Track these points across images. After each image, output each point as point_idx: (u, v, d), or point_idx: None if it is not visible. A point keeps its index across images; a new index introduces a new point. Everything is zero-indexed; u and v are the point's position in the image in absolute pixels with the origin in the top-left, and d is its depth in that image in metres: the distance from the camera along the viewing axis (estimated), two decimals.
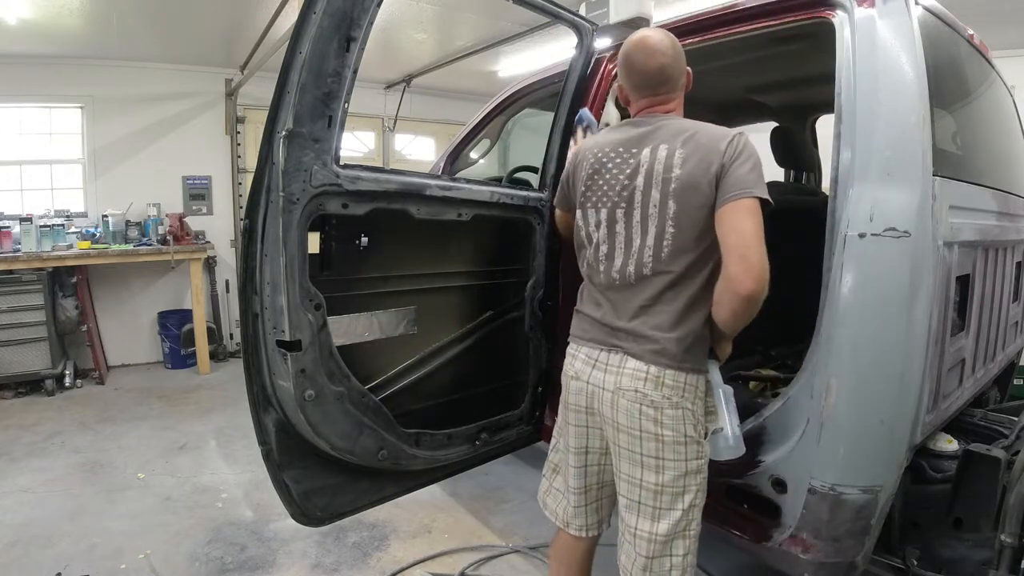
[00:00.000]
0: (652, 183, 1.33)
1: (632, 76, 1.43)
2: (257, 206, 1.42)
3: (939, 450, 1.69)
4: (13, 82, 4.49)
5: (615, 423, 1.36)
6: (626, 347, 1.36)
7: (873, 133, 1.37)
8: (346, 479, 1.69)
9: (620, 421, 1.35)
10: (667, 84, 1.41)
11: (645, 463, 1.33)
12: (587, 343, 1.44)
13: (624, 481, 1.38)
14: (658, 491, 1.33)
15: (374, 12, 1.44)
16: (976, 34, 1.90)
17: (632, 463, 1.35)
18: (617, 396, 1.35)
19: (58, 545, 2.32)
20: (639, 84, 1.43)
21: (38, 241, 4.12)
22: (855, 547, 1.43)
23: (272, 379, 1.51)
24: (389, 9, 3.55)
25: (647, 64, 1.40)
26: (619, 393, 1.34)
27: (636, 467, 1.35)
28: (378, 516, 2.49)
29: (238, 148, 5.41)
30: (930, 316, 1.37)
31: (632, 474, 1.36)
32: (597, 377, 1.39)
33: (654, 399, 1.30)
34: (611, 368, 1.37)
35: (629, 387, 1.33)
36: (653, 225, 1.33)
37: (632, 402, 1.33)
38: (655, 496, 1.33)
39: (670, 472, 1.32)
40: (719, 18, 1.78)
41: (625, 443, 1.35)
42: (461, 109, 5.83)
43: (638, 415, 1.32)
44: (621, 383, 1.34)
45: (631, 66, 1.42)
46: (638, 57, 1.40)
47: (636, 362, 1.33)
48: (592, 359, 1.41)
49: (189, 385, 4.55)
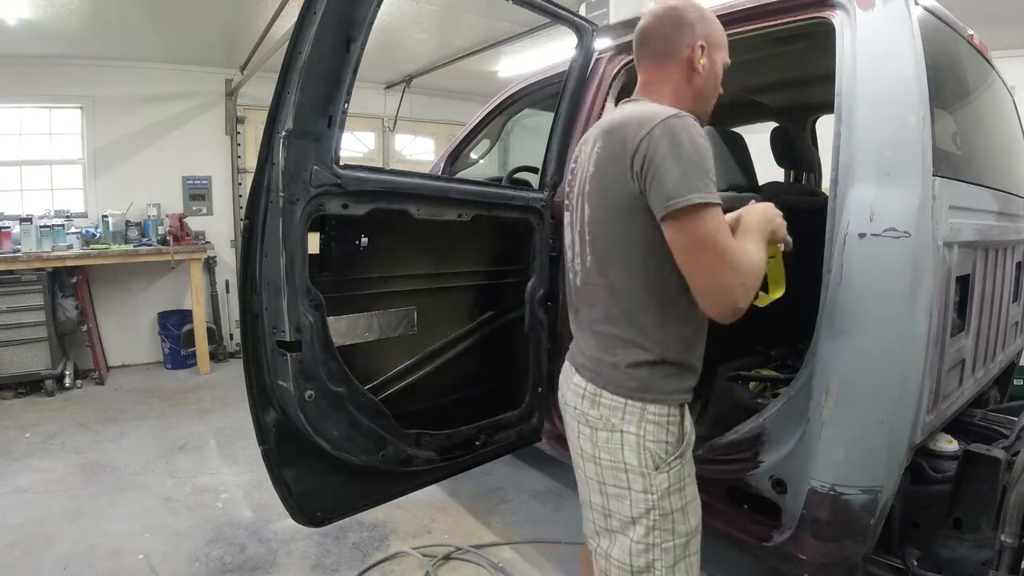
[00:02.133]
0: (581, 184, 1.21)
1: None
2: (257, 206, 1.42)
3: (939, 450, 1.69)
4: (13, 82, 4.49)
5: (568, 438, 1.30)
6: (573, 358, 1.29)
7: (873, 133, 1.37)
8: (346, 479, 1.69)
9: (568, 437, 1.29)
10: (645, 47, 1.25)
11: (589, 484, 1.24)
12: (568, 353, 1.36)
13: (585, 503, 1.29)
14: (606, 513, 1.22)
15: (374, 12, 1.44)
16: (976, 34, 1.90)
17: (581, 481, 1.28)
18: (566, 411, 1.29)
19: (58, 545, 2.32)
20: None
21: (38, 241, 4.12)
22: (855, 547, 1.43)
23: (272, 379, 1.51)
24: (389, 9, 3.56)
25: (644, 19, 1.26)
26: (566, 408, 1.28)
27: (583, 485, 1.27)
28: (378, 516, 2.49)
29: (238, 148, 5.41)
30: (930, 316, 1.37)
31: (583, 492, 1.28)
32: (562, 389, 1.33)
33: (590, 418, 1.20)
34: (566, 381, 1.30)
35: (571, 403, 1.25)
36: (577, 232, 1.23)
37: (572, 419, 1.25)
38: (604, 518, 1.22)
39: (613, 498, 1.20)
40: (719, 18, 1.77)
41: (575, 460, 1.28)
42: (461, 109, 5.83)
43: (576, 433, 1.24)
44: (567, 397, 1.27)
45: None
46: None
47: (578, 376, 1.24)
48: (564, 370, 1.34)
49: (189, 385, 4.55)
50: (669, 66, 1.22)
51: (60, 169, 4.87)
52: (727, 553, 2.09)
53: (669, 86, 1.22)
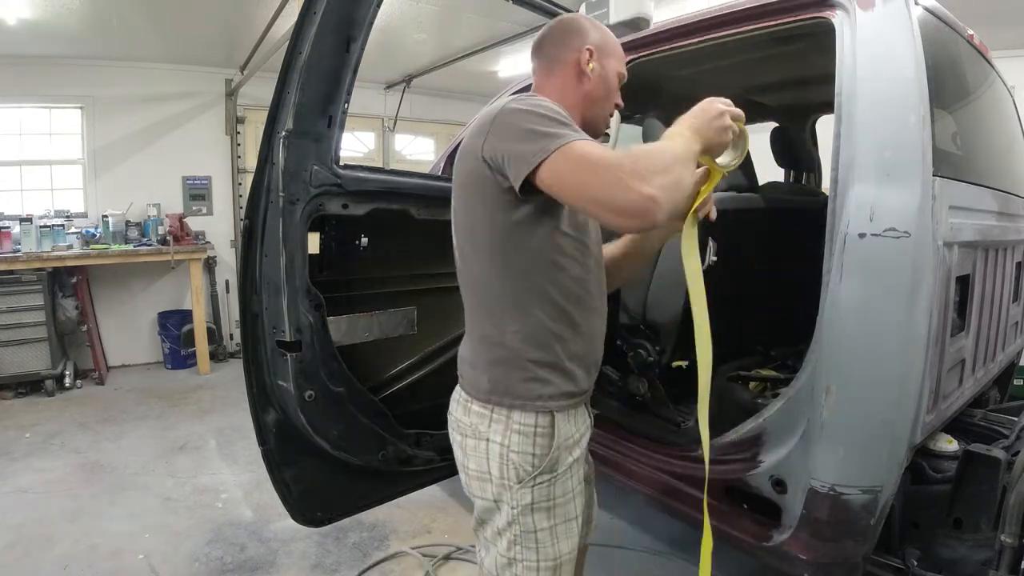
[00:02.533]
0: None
1: None
2: (257, 206, 1.42)
3: (939, 450, 1.69)
4: (13, 82, 4.49)
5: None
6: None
7: (873, 133, 1.37)
8: (346, 479, 1.69)
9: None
10: (537, 54, 1.26)
11: (466, 491, 1.20)
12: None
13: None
14: (480, 521, 1.18)
15: (374, 12, 1.44)
16: (976, 34, 1.90)
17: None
18: (449, 420, 1.25)
19: (58, 545, 2.32)
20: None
21: (38, 241, 4.12)
22: (855, 547, 1.43)
23: (272, 379, 1.51)
24: (389, 9, 3.55)
25: (539, 33, 1.28)
26: (449, 417, 1.24)
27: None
28: (378, 517, 2.49)
29: (238, 148, 5.41)
30: (930, 316, 1.37)
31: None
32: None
33: (461, 425, 1.16)
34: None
35: (451, 410, 1.22)
36: (452, 231, 1.19)
37: (449, 427, 1.22)
38: (480, 525, 1.18)
39: (481, 509, 1.16)
40: (719, 18, 1.78)
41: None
42: (461, 109, 5.83)
43: (453, 442, 1.21)
44: (450, 405, 1.24)
45: None
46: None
47: (458, 384, 1.22)
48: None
49: (189, 385, 4.55)
50: (558, 70, 1.22)
51: (60, 169, 4.88)
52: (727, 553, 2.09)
53: (556, 89, 1.21)
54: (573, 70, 1.20)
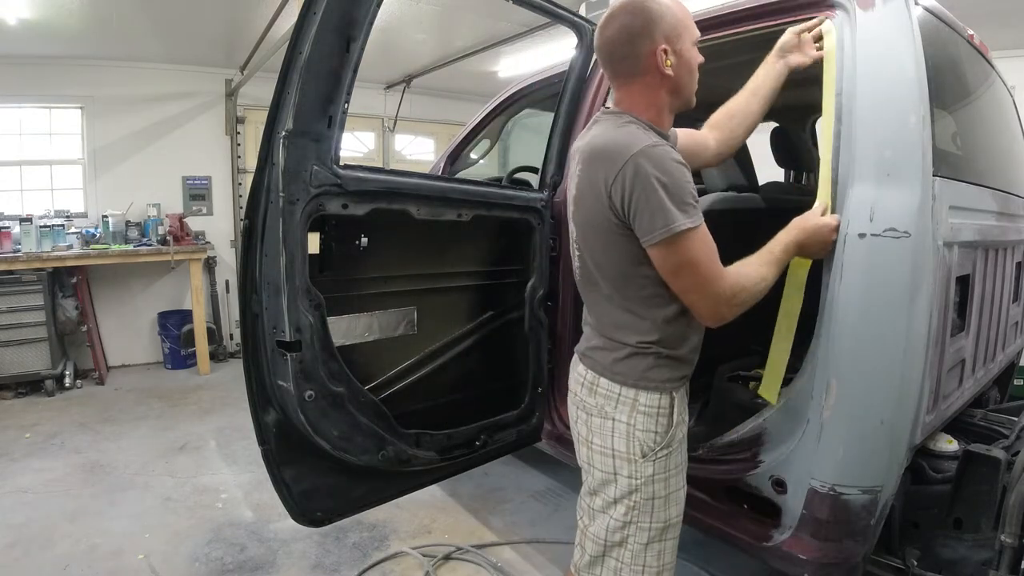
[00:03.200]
0: (570, 199, 1.31)
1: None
2: (257, 206, 1.42)
3: (939, 450, 1.69)
4: (13, 82, 4.49)
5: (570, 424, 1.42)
6: (579, 348, 1.39)
7: (873, 133, 1.37)
8: (346, 479, 1.69)
9: (570, 423, 1.40)
10: (609, 66, 1.26)
11: (582, 466, 1.35)
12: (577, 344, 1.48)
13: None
14: (592, 492, 1.32)
15: (374, 12, 1.44)
16: (976, 34, 1.90)
17: (580, 463, 1.37)
18: (570, 398, 1.39)
19: (58, 546, 2.32)
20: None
21: (38, 241, 4.12)
22: (855, 547, 1.43)
23: (272, 379, 1.51)
24: (389, 9, 3.56)
25: (599, 35, 1.24)
26: (571, 395, 1.38)
27: (581, 468, 1.37)
28: (378, 517, 2.49)
29: (238, 148, 5.41)
30: (930, 316, 1.37)
31: (582, 474, 1.37)
32: (570, 378, 1.43)
33: (587, 405, 1.30)
34: (572, 369, 1.40)
35: (572, 390, 1.36)
36: (573, 240, 1.34)
37: (572, 405, 1.37)
38: (590, 496, 1.32)
39: (599, 480, 1.29)
40: (719, 18, 1.78)
41: (575, 444, 1.38)
42: (461, 109, 5.83)
43: (575, 419, 1.35)
44: (571, 385, 1.38)
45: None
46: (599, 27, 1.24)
47: (581, 365, 1.35)
48: (572, 361, 1.44)
49: (189, 385, 4.56)
50: (637, 81, 1.22)
51: (60, 169, 4.87)
52: (727, 553, 2.10)
53: (642, 98, 1.24)
54: (654, 75, 1.21)
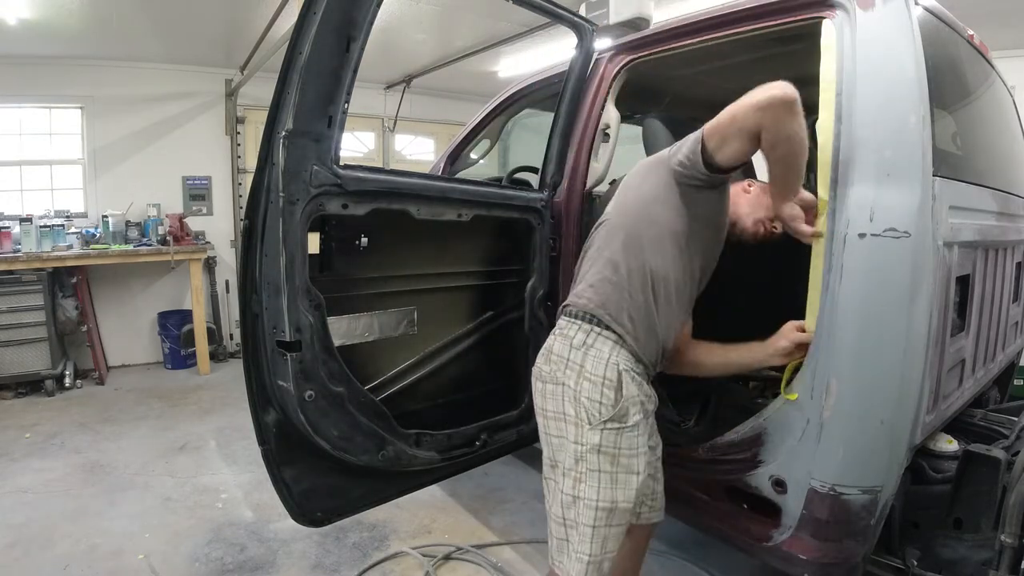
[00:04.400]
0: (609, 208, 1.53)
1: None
2: (257, 206, 1.42)
3: (939, 450, 1.69)
4: (13, 82, 4.49)
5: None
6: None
7: (873, 133, 1.37)
8: (346, 479, 1.69)
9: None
10: None
11: (541, 438, 1.42)
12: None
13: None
14: (552, 464, 1.38)
15: (374, 12, 1.44)
16: (976, 34, 1.90)
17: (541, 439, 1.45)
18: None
19: (58, 545, 2.32)
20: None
21: (38, 241, 4.13)
22: (855, 547, 1.43)
23: (272, 379, 1.51)
24: (389, 9, 3.56)
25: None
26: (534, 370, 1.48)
27: (542, 443, 1.43)
28: (378, 517, 2.49)
29: (238, 148, 5.41)
30: (930, 316, 1.37)
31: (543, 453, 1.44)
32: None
33: (542, 373, 1.39)
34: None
35: (536, 362, 1.45)
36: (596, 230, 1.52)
37: (533, 379, 1.45)
38: (551, 469, 1.38)
39: (556, 448, 1.36)
40: (719, 18, 1.78)
41: (537, 418, 1.46)
42: (461, 109, 5.83)
43: (534, 391, 1.44)
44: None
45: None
46: None
47: (548, 339, 1.45)
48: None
49: (189, 385, 4.55)
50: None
51: (60, 169, 4.88)
52: (727, 553, 2.10)
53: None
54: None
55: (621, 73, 2.10)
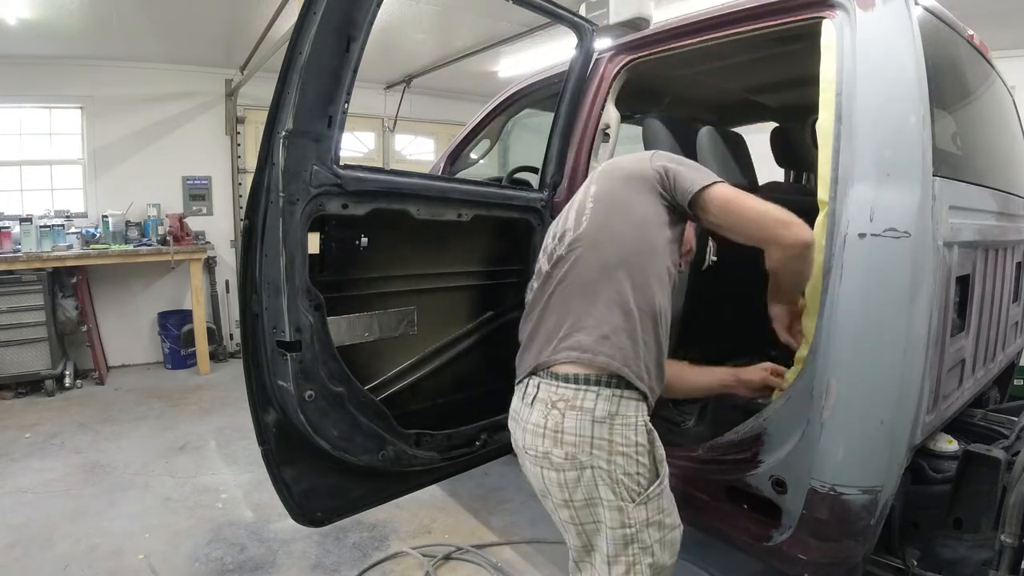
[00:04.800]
0: (575, 222, 1.38)
1: None
2: (257, 206, 1.42)
3: (939, 450, 1.69)
4: (13, 82, 4.49)
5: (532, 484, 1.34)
6: (523, 392, 1.36)
7: (873, 133, 1.37)
8: (346, 479, 1.69)
9: (532, 483, 1.32)
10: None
11: (566, 528, 1.25)
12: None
13: (568, 542, 1.31)
14: (587, 549, 1.24)
15: (374, 12, 1.44)
16: (976, 34, 1.90)
17: (558, 525, 1.29)
18: (523, 457, 1.32)
19: (58, 545, 2.32)
20: None
21: (38, 241, 4.13)
22: (855, 547, 1.43)
23: (272, 379, 1.51)
24: (389, 9, 3.56)
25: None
26: (524, 455, 1.31)
27: (561, 529, 1.28)
28: (378, 517, 2.49)
29: (238, 148, 5.41)
30: (930, 316, 1.37)
31: (563, 534, 1.30)
32: (513, 430, 1.39)
33: (552, 458, 1.19)
34: (517, 416, 1.37)
35: (530, 447, 1.26)
36: (569, 244, 1.35)
37: (531, 465, 1.27)
38: (587, 553, 1.24)
39: (591, 531, 1.21)
40: (719, 18, 1.78)
41: (546, 506, 1.31)
42: (461, 109, 5.83)
43: (539, 478, 1.25)
44: (523, 441, 1.29)
45: None
46: None
47: (535, 412, 1.26)
48: (513, 408, 1.41)
49: (189, 385, 4.55)
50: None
51: (60, 169, 4.88)
52: (727, 553, 2.09)
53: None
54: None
55: (621, 73, 2.10)
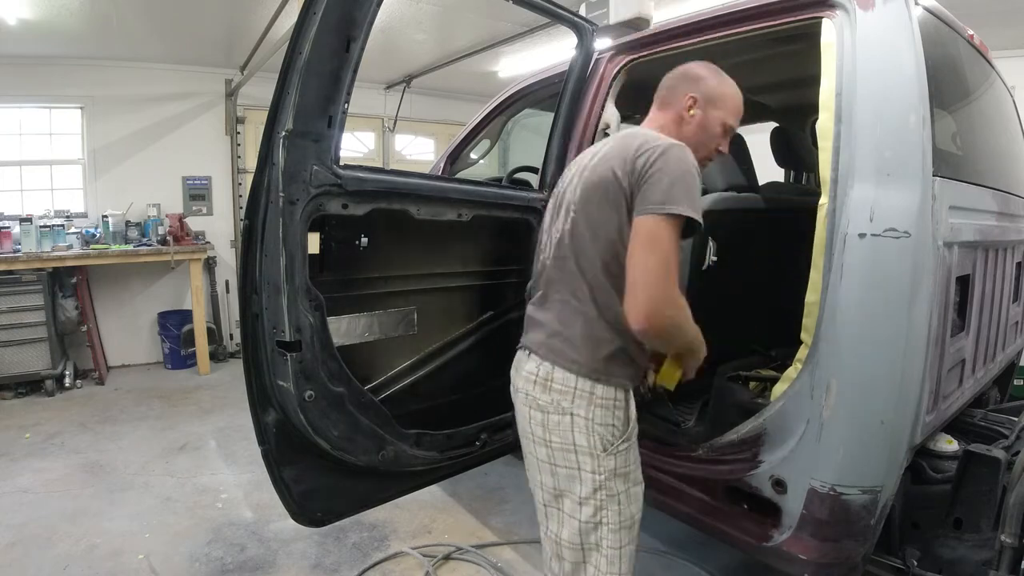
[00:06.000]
0: (575, 176, 1.33)
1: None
2: (257, 206, 1.42)
3: (939, 450, 1.69)
4: (13, 82, 4.49)
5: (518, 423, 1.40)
6: (526, 340, 1.37)
7: (873, 133, 1.37)
8: (346, 479, 1.69)
9: (519, 422, 1.38)
10: (657, 92, 1.44)
11: (540, 467, 1.32)
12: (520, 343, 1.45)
13: (535, 487, 1.37)
14: (556, 494, 1.30)
15: (374, 12, 1.44)
16: (976, 34, 1.90)
17: (531, 465, 1.36)
18: (516, 397, 1.38)
19: (58, 545, 2.32)
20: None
21: (38, 241, 4.12)
22: (855, 547, 1.43)
23: (272, 379, 1.51)
24: (389, 9, 3.56)
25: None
26: (516, 394, 1.37)
27: (534, 468, 1.35)
28: (378, 517, 2.49)
29: (238, 148, 5.41)
30: (930, 316, 1.37)
31: (532, 475, 1.36)
32: (513, 378, 1.41)
33: (541, 402, 1.28)
34: (516, 368, 1.39)
35: (522, 389, 1.34)
36: (564, 213, 1.32)
37: (522, 405, 1.34)
38: (555, 498, 1.30)
39: (564, 478, 1.28)
40: (719, 18, 1.78)
41: (524, 444, 1.37)
42: (461, 109, 5.83)
43: (527, 419, 1.33)
44: (517, 384, 1.36)
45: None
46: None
47: (531, 361, 1.32)
48: (516, 359, 1.42)
49: (189, 385, 4.55)
50: (666, 110, 1.40)
51: (60, 169, 4.87)
52: (727, 553, 2.10)
53: (656, 124, 1.39)
54: (676, 115, 1.39)
55: (621, 73, 2.10)
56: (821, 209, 1.44)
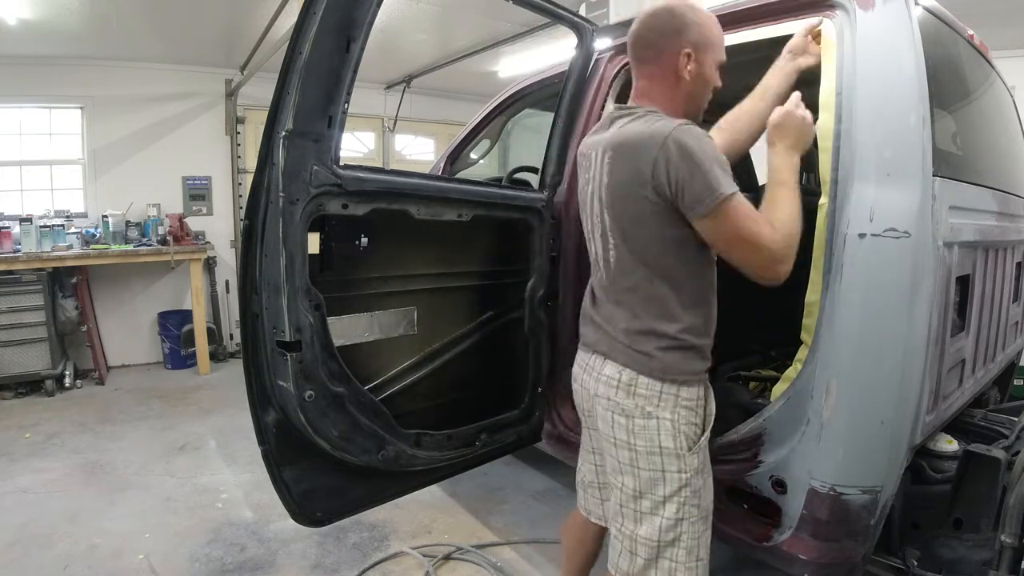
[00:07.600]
0: (596, 190, 1.31)
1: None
2: (257, 206, 1.42)
3: (939, 450, 1.69)
4: (13, 82, 4.49)
5: (598, 428, 1.39)
6: (602, 349, 1.36)
7: (873, 133, 1.37)
8: (346, 479, 1.69)
9: (600, 427, 1.37)
10: (635, 54, 1.33)
11: (623, 469, 1.32)
12: (582, 346, 1.46)
13: (613, 487, 1.37)
14: (636, 495, 1.30)
15: (374, 12, 1.44)
16: (976, 34, 1.90)
17: (611, 467, 1.37)
18: (596, 402, 1.37)
19: (58, 545, 2.32)
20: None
21: (38, 241, 4.12)
22: (855, 547, 1.43)
23: (272, 379, 1.51)
24: (389, 9, 3.55)
25: (635, 23, 1.32)
26: (596, 400, 1.36)
27: (614, 470, 1.35)
28: (378, 517, 2.49)
29: (238, 148, 5.41)
30: (930, 316, 1.37)
31: (615, 479, 1.36)
32: (585, 380, 1.41)
33: (625, 407, 1.29)
34: (592, 371, 1.38)
35: (603, 394, 1.33)
36: (599, 234, 1.34)
37: (603, 409, 1.34)
38: (635, 500, 1.31)
39: (647, 481, 1.29)
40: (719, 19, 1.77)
41: (606, 447, 1.37)
42: (461, 109, 5.83)
43: (610, 423, 1.32)
44: (598, 389, 1.35)
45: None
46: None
47: (608, 365, 1.32)
48: (587, 361, 1.41)
49: (189, 385, 4.55)
50: (658, 75, 1.30)
51: (60, 169, 4.87)
52: (727, 553, 2.09)
53: (660, 96, 1.31)
54: (672, 74, 1.29)
55: (621, 73, 2.10)
56: (821, 209, 1.44)
